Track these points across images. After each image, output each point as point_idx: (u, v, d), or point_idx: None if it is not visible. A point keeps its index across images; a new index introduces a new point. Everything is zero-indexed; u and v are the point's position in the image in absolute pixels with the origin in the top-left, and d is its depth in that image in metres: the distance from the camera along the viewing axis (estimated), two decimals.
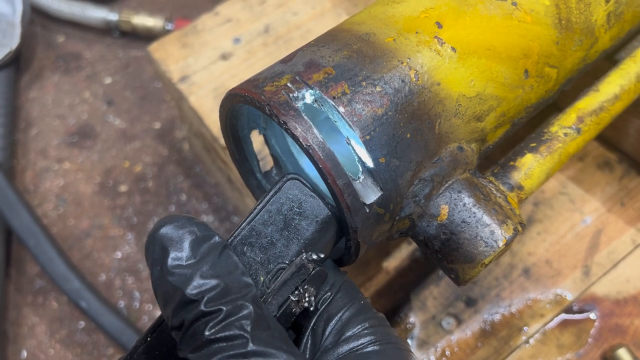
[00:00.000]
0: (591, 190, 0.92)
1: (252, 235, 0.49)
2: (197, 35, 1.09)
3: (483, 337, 0.83)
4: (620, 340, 0.81)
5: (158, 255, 0.44)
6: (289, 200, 0.50)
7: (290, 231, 0.50)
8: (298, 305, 0.48)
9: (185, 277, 0.43)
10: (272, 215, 0.50)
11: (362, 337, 0.47)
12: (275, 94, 0.49)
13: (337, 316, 0.49)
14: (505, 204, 0.54)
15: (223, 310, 0.42)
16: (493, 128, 0.57)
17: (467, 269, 0.52)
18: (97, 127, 1.46)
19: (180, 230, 0.44)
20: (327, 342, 0.48)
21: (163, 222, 0.45)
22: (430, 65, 0.53)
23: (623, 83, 0.64)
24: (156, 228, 0.45)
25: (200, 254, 0.44)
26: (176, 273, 0.43)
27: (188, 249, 0.44)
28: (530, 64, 0.58)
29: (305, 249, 0.50)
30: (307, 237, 0.50)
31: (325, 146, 0.47)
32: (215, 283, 0.43)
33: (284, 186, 0.51)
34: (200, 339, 0.41)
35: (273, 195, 0.50)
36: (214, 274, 0.43)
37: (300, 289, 0.48)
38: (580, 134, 0.60)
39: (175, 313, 0.42)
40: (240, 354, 0.41)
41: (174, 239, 0.44)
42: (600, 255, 0.87)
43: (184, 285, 0.42)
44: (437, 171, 0.53)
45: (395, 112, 0.50)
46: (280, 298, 0.48)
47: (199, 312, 0.42)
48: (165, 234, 0.44)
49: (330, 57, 0.52)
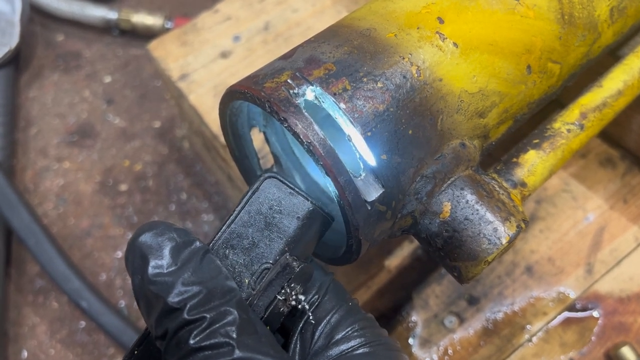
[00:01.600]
0: (594, 187, 0.92)
1: (233, 237, 0.49)
2: (196, 33, 1.08)
3: (486, 336, 0.82)
4: (623, 338, 0.80)
5: (138, 264, 0.43)
6: (268, 199, 0.50)
7: (271, 230, 0.49)
8: (285, 305, 0.48)
9: (166, 285, 0.42)
10: (252, 216, 0.49)
11: (352, 340, 0.47)
12: (276, 91, 0.48)
13: (326, 319, 0.48)
14: (508, 201, 0.53)
15: (207, 318, 0.41)
16: (496, 124, 0.57)
17: (470, 266, 0.51)
18: (97, 126, 1.46)
19: (160, 237, 0.44)
20: (316, 345, 0.47)
21: (141, 230, 0.44)
22: (432, 61, 0.52)
23: (626, 79, 0.63)
24: (135, 236, 0.44)
25: (182, 260, 0.43)
26: (157, 281, 0.42)
27: (168, 256, 0.43)
28: (533, 59, 0.57)
29: (288, 246, 0.49)
30: (289, 234, 0.49)
31: (326, 143, 0.47)
32: (197, 290, 0.42)
33: (262, 185, 0.50)
34: (184, 348, 0.41)
35: (251, 196, 0.50)
36: (196, 281, 0.42)
37: (287, 288, 0.47)
38: (584, 130, 0.60)
39: (158, 322, 0.42)
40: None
41: (154, 247, 0.43)
42: (603, 253, 0.86)
43: (166, 294, 0.42)
44: (440, 168, 0.52)
45: (396, 109, 0.50)
46: (266, 299, 0.47)
47: (182, 320, 0.41)
48: (144, 242, 0.44)
49: (330, 53, 0.51)
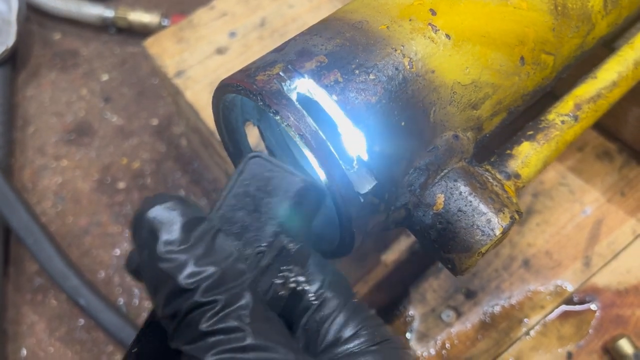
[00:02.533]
0: (591, 180, 0.91)
1: (223, 222, 0.46)
2: (192, 29, 1.08)
3: (483, 330, 0.82)
4: (621, 331, 0.80)
5: (147, 238, 0.41)
6: (255, 180, 0.47)
7: (261, 212, 0.47)
8: (284, 288, 0.46)
9: (178, 264, 0.40)
10: (240, 199, 0.47)
11: (359, 338, 0.46)
12: (268, 83, 0.48)
13: (332, 316, 0.47)
14: (502, 192, 0.53)
15: (220, 300, 0.40)
16: (489, 116, 0.56)
17: (464, 258, 0.51)
18: (94, 124, 1.46)
19: (171, 211, 0.42)
20: (323, 343, 0.46)
21: (151, 202, 0.42)
22: (424, 53, 0.52)
23: (621, 70, 0.63)
24: (144, 208, 0.42)
25: (194, 238, 0.41)
26: (168, 259, 0.40)
27: (180, 232, 0.41)
28: (526, 50, 0.57)
29: (281, 227, 0.47)
30: (280, 214, 0.47)
31: (318, 135, 0.47)
32: (211, 271, 0.40)
33: (247, 166, 0.47)
34: (196, 331, 0.39)
35: (237, 178, 0.47)
36: (209, 261, 0.41)
37: (285, 272, 0.46)
38: (578, 122, 0.60)
39: (167, 302, 0.40)
40: (239, 348, 0.39)
41: (165, 222, 0.41)
42: (600, 246, 0.86)
43: (177, 273, 0.40)
44: (433, 160, 0.52)
45: (389, 101, 0.49)
46: (264, 284, 0.46)
47: (194, 302, 0.39)
48: (154, 215, 0.41)
49: (322, 46, 0.51)
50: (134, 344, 0.45)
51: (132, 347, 0.45)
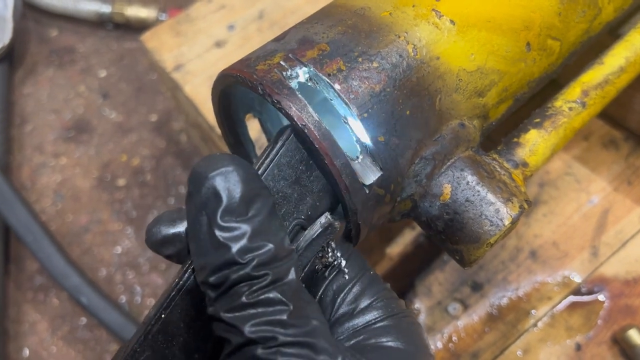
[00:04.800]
0: (597, 169, 0.90)
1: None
2: (190, 23, 1.06)
3: (490, 322, 0.81)
4: (630, 321, 0.79)
5: (208, 202, 0.41)
6: (298, 151, 0.47)
7: (301, 184, 0.47)
8: (321, 262, 0.47)
9: (235, 235, 0.40)
10: (283, 169, 0.46)
11: (375, 310, 0.46)
12: (268, 73, 0.47)
13: (348, 287, 0.47)
14: (510, 181, 0.52)
15: (269, 275, 0.40)
16: (495, 104, 0.55)
17: (472, 249, 0.50)
18: (93, 121, 1.44)
19: (234, 177, 0.41)
20: (338, 313, 0.47)
21: (216, 163, 0.41)
22: (428, 39, 0.51)
23: (628, 55, 0.62)
24: (209, 167, 0.41)
25: (254, 210, 0.41)
26: (226, 227, 0.40)
27: (240, 202, 0.41)
28: (532, 36, 0.55)
29: (319, 201, 0.47)
30: (319, 188, 0.47)
31: (321, 125, 0.45)
32: (266, 247, 0.40)
33: (290, 138, 0.47)
34: (238, 301, 0.40)
35: (280, 148, 0.46)
36: (264, 237, 0.41)
37: (325, 247, 0.47)
38: (586, 108, 0.58)
39: (216, 270, 0.40)
40: (279, 322, 0.39)
41: (228, 188, 0.41)
42: (608, 235, 0.85)
43: (233, 244, 0.40)
44: (439, 149, 0.51)
45: (393, 89, 0.48)
46: (305, 259, 0.46)
47: (245, 274, 0.40)
48: (220, 179, 0.41)
49: (324, 34, 0.50)
50: (163, 310, 0.44)
51: (160, 312, 0.44)
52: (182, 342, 0.45)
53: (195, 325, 0.45)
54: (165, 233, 0.45)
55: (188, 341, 0.45)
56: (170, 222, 0.46)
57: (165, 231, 0.45)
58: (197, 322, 0.45)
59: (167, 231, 0.45)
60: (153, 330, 0.44)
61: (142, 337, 0.44)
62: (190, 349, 0.45)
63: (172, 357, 0.45)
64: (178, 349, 0.45)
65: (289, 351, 0.39)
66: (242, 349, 0.40)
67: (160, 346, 0.45)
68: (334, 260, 0.48)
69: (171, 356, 0.45)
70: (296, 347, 0.39)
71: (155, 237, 0.46)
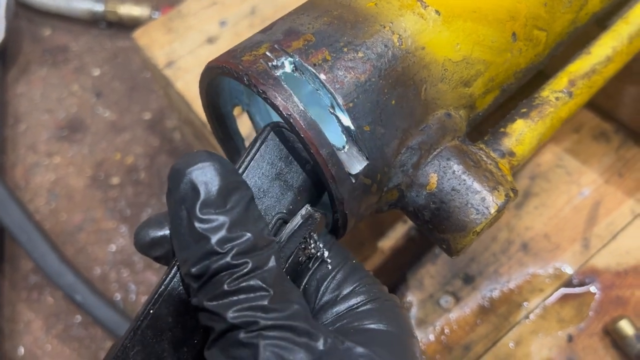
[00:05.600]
0: (588, 161, 0.90)
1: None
2: (182, 19, 1.06)
3: (482, 314, 0.81)
4: (621, 312, 0.79)
5: (188, 195, 0.42)
6: (277, 148, 0.48)
7: (282, 179, 0.48)
8: (304, 254, 0.48)
9: (214, 226, 0.41)
10: (263, 166, 0.48)
11: (358, 295, 0.47)
12: (254, 63, 0.47)
13: (331, 275, 0.48)
14: (496, 170, 0.52)
15: (249, 264, 0.41)
16: (482, 94, 0.55)
17: (459, 238, 0.50)
18: (86, 120, 1.44)
19: (211, 172, 0.42)
20: (322, 300, 0.47)
21: (191, 160, 0.43)
22: (413, 29, 0.51)
23: (615, 45, 0.62)
24: (187, 164, 0.42)
25: (231, 202, 0.42)
26: (205, 220, 0.41)
27: (218, 195, 0.42)
28: (518, 26, 0.56)
29: (300, 195, 0.48)
30: (300, 184, 0.48)
31: (306, 115, 0.46)
32: (245, 236, 0.41)
33: (270, 135, 0.48)
34: (221, 289, 0.40)
35: (260, 145, 0.48)
36: (243, 227, 0.42)
37: (307, 239, 0.47)
38: (572, 98, 0.58)
39: (198, 261, 0.41)
40: (260, 307, 0.40)
41: (206, 182, 0.42)
42: (599, 227, 0.85)
43: (212, 235, 0.41)
44: (425, 139, 0.51)
45: (378, 78, 0.48)
46: (288, 250, 0.47)
47: (225, 263, 0.40)
48: (196, 174, 0.42)
49: (310, 24, 0.50)
50: (151, 306, 0.45)
51: (149, 308, 0.45)
52: (171, 336, 0.46)
53: (183, 320, 0.46)
54: (153, 236, 0.46)
55: (177, 335, 0.46)
56: (157, 224, 0.46)
57: (153, 234, 0.46)
58: (184, 317, 0.46)
59: (154, 234, 0.46)
60: (142, 326, 0.45)
61: (132, 333, 0.45)
62: (179, 343, 0.46)
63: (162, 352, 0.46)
64: (167, 344, 0.46)
65: (271, 334, 0.39)
66: (225, 335, 0.40)
67: (150, 341, 0.45)
68: (317, 251, 0.48)
69: (161, 351, 0.46)
70: (278, 330, 0.40)
71: (143, 240, 0.46)
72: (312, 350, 0.40)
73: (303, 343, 0.40)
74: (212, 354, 0.41)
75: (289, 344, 0.40)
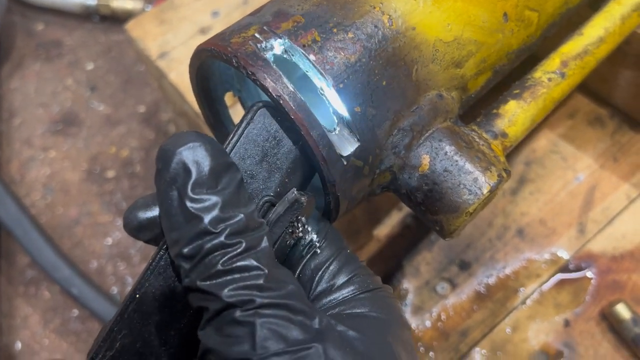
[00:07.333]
0: (583, 147, 0.90)
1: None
2: (174, 10, 1.06)
3: (479, 300, 0.81)
4: (618, 296, 0.79)
5: (179, 175, 0.41)
6: (264, 129, 0.47)
7: (269, 162, 0.47)
8: (292, 237, 0.47)
9: (207, 206, 0.41)
10: (249, 148, 0.47)
11: (352, 285, 0.47)
12: (243, 45, 0.47)
13: (326, 265, 0.48)
14: (489, 151, 0.52)
15: (243, 243, 0.41)
16: (474, 75, 0.55)
17: (452, 219, 0.50)
18: (81, 114, 1.44)
19: (202, 152, 0.42)
20: (317, 290, 0.47)
21: (183, 139, 0.42)
22: (404, 10, 0.50)
23: (607, 25, 0.62)
24: (177, 144, 0.42)
25: (223, 183, 0.42)
26: (198, 199, 0.41)
27: (209, 175, 0.41)
28: (509, 6, 0.55)
29: (288, 177, 0.48)
30: (287, 165, 0.48)
31: (297, 96, 0.45)
32: (238, 217, 0.41)
33: (256, 116, 0.47)
34: (215, 269, 0.40)
35: (246, 127, 0.47)
36: (235, 208, 0.42)
37: (295, 222, 0.47)
38: (565, 79, 0.58)
39: (190, 241, 0.41)
40: (256, 286, 0.40)
41: (197, 162, 0.41)
42: (595, 212, 0.85)
43: (205, 214, 0.40)
44: (417, 120, 0.50)
45: (369, 59, 0.48)
46: (274, 235, 0.46)
47: (219, 243, 0.40)
48: (187, 154, 0.41)
49: (299, 6, 0.50)
50: (138, 289, 0.45)
51: (135, 292, 0.45)
52: (158, 320, 0.46)
53: (170, 303, 0.45)
54: (141, 218, 0.45)
55: (163, 319, 0.46)
56: (145, 207, 0.46)
57: (142, 216, 0.45)
58: (171, 300, 0.45)
59: (143, 216, 0.45)
60: (129, 309, 0.45)
61: (119, 317, 0.45)
62: (166, 326, 0.46)
63: (149, 335, 0.46)
64: (154, 327, 0.46)
65: (267, 312, 0.39)
66: (221, 314, 0.40)
67: (137, 324, 0.45)
68: (305, 234, 0.48)
69: (147, 334, 0.46)
70: (274, 308, 0.40)
71: (132, 224, 0.46)
72: (307, 329, 0.40)
73: (299, 321, 0.40)
74: (207, 334, 0.41)
75: (285, 322, 0.39)
